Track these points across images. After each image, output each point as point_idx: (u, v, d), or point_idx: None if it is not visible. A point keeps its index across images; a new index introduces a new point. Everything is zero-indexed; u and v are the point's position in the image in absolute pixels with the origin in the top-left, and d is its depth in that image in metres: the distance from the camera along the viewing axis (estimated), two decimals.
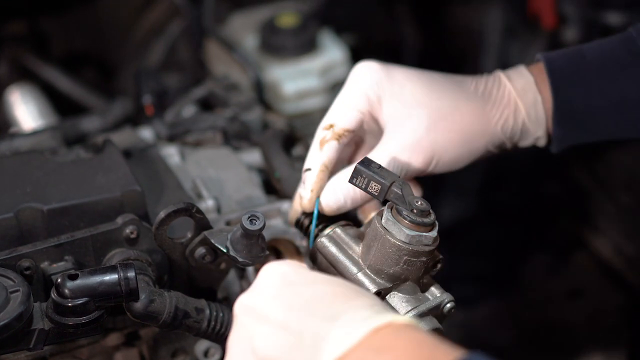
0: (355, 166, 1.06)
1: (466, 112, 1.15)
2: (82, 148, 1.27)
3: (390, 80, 1.16)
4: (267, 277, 0.95)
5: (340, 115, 1.17)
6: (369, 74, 1.18)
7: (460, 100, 1.15)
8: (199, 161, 1.38)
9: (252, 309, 0.93)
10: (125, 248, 1.13)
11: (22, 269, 1.08)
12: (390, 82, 1.16)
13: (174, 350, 1.21)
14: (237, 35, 1.79)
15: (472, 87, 1.17)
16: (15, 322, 0.99)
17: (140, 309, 1.04)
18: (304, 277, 0.94)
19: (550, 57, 1.18)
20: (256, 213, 1.06)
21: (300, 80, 1.71)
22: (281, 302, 0.91)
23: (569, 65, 1.17)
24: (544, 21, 1.93)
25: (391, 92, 1.16)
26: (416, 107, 1.15)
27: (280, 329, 0.89)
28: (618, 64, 1.16)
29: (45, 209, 1.11)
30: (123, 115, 1.61)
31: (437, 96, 1.15)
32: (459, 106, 1.15)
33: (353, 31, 1.94)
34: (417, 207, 1.03)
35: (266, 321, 0.91)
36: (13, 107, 1.82)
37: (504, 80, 1.18)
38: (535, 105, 1.17)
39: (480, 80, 1.18)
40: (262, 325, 0.91)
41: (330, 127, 1.17)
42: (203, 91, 1.57)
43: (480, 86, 1.18)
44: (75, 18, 2.00)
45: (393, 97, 1.16)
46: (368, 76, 1.17)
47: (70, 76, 1.90)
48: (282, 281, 0.94)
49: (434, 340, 0.84)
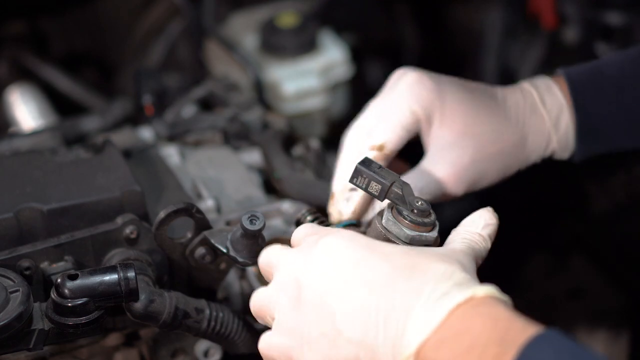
0: (356, 166, 1.06)
1: (508, 143, 1.17)
2: (82, 148, 1.27)
3: (442, 101, 1.15)
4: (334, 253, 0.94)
5: (391, 136, 1.15)
6: (418, 90, 1.15)
7: (503, 129, 1.17)
8: (198, 161, 1.38)
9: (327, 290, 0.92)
10: (125, 248, 1.13)
11: (22, 269, 1.08)
12: (442, 103, 1.15)
13: (174, 350, 1.21)
14: (237, 35, 1.79)
15: (514, 113, 1.18)
16: (15, 322, 0.99)
17: (140, 309, 1.04)
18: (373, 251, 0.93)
19: (571, 73, 1.19)
20: (256, 213, 1.06)
21: (300, 80, 1.71)
22: (361, 279, 0.91)
23: (590, 82, 1.19)
24: (544, 21, 1.93)
25: (442, 116, 1.15)
26: (464, 136, 1.15)
27: (364, 309, 0.89)
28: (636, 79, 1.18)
29: (45, 209, 1.11)
30: (123, 115, 1.61)
31: (484, 124, 1.16)
32: (503, 138, 1.16)
33: (353, 31, 1.93)
34: (417, 207, 1.03)
35: (349, 300, 0.90)
36: (13, 106, 1.82)
37: (540, 108, 1.18)
38: (567, 135, 1.19)
39: (517, 101, 1.19)
40: (344, 308, 0.90)
41: (380, 148, 1.14)
42: (203, 91, 1.57)
43: (519, 109, 1.18)
44: (75, 18, 1.99)
45: (444, 123, 1.15)
46: (417, 92, 1.15)
47: (70, 76, 1.90)
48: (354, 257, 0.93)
49: (511, 315, 0.85)
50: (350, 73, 1.78)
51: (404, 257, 0.92)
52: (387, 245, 0.95)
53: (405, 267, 0.91)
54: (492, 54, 2.02)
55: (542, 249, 2.12)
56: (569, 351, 0.81)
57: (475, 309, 0.86)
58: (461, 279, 0.89)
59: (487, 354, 0.82)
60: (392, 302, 0.88)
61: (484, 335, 0.83)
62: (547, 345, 0.81)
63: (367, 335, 0.89)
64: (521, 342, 0.81)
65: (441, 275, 0.89)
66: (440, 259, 0.92)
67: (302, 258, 0.96)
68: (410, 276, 0.90)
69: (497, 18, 2.00)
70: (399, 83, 1.17)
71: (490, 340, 0.83)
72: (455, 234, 1.01)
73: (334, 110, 1.80)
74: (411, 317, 0.87)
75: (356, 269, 0.92)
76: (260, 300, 0.99)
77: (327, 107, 1.75)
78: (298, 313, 0.94)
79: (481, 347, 0.82)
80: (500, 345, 0.82)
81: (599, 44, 1.84)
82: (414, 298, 0.88)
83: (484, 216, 1.02)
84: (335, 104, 1.79)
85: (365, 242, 0.95)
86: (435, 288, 0.88)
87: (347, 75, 1.77)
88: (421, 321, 0.86)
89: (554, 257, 2.11)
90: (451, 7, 2.11)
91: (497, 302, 0.87)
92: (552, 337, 0.82)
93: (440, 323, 0.85)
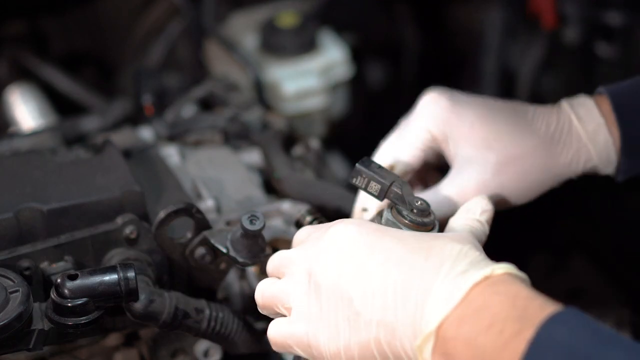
0: (355, 166, 1.06)
1: (536, 158, 1.14)
2: (82, 148, 1.27)
3: (459, 118, 1.15)
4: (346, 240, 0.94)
5: (404, 156, 1.16)
6: (433, 108, 1.16)
7: (529, 144, 1.14)
8: (198, 161, 1.38)
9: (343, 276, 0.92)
10: (125, 248, 1.13)
11: (22, 269, 1.08)
12: (459, 119, 1.15)
13: (174, 350, 1.21)
14: (237, 35, 1.79)
15: (542, 128, 1.15)
16: (15, 323, 0.99)
17: (140, 309, 1.05)
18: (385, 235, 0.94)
19: (614, 92, 1.16)
20: (256, 213, 1.06)
21: (300, 80, 1.71)
22: (376, 261, 0.92)
23: (633, 100, 1.16)
24: (544, 21, 1.93)
25: (459, 131, 1.14)
26: (484, 150, 1.14)
27: (381, 290, 0.90)
28: None
29: (45, 209, 1.11)
30: (123, 115, 1.61)
31: (507, 139, 1.14)
32: (529, 152, 1.14)
33: (353, 31, 1.93)
34: (417, 207, 1.03)
35: (365, 282, 0.91)
36: (12, 106, 1.82)
37: (575, 121, 1.15)
38: (607, 148, 1.15)
39: (549, 119, 1.16)
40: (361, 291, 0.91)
41: (391, 168, 1.15)
42: (203, 91, 1.57)
43: (551, 126, 1.15)
44: (75, 18, 1.99)
45: (461, 138, 1.14)
46: (432, 112, 1.16)
47: (70, 76, 1.90)
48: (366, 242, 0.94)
49: (529, 293, 0.86)
50: (350, 73, 1.78)
51: (418, 239, 0.93)
52: (397, 231, 0.97)
53: (421, 248, 0.92)
54: (492, 54, 2.02)
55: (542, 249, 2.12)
56: (587, 327, 0.81)
57: (494, 286, 0.86)
58: (477, 258, 0.90)
59: (506, 330, 0.82)
60: (409, 281, 0.89)
61: (503, 313, 0.84)
62: (565, 322, 0.81)
63: (387, 315, 0.89)
64: (540, 319, 0.81)
65: (457, 254, 0.90)
66: (454, 239, 0.93)
67: (312, 249, 0.97)
68: (427, 255, 0.90)
69: (497, 18, 2.00)
70: (417, 104, 1.18)
71: (509, 317, 0.83)
72: (454, 221, 1.03)
73: (334, 110, 1.80)
74: (430, 295, 0.87)
75: (370, 251, 0.93)
76: (270, 291, 1.00)
77: (327, 107, 1.75)
78: (314, 300, 0.94)
79: (500, 324, 0.83)
80: (519, 322, 0.82)
81: (599, 44, 1.84)
82: (432, 276, 0.88)
83: (480, 203, 1.04)
84: (335, 104, 1.79)
85: (375, 227, 0.96)
86: (454, 266, 0.89)
87: (347, 75, 1.77)
88: (441, 299, 0.87)
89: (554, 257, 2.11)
90: (451, 7, 2.11)
91: (515, 280, 0.88)
92: (570, 315, 0.82)
93: (460, 300, 0.86)
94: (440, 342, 0.86)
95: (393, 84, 2.05)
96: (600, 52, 1.84)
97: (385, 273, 0.91)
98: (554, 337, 0.80)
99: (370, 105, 2.03)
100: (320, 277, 0.94)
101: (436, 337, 0.86)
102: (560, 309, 0.83)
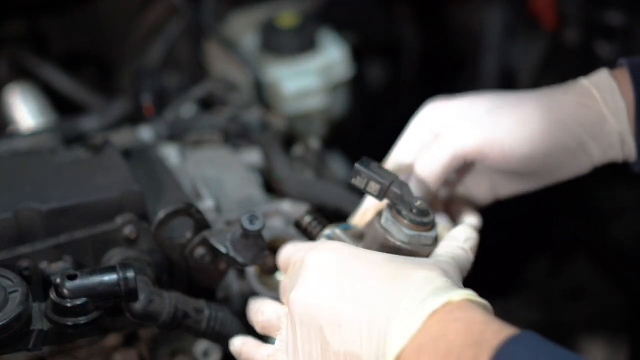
0: (355, 166, 1.06)
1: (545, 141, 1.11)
2: (82, 148, 1.27)
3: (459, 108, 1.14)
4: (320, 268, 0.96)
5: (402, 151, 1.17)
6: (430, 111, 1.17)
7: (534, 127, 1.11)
8: (198, 161, 1.38)
9: (314, 305, 0.94)
10: (124, 248, 1.13)
11: (21, 270, 1.08)
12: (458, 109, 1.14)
13: (174, 350, 1.21)
14: (237, 34, 1.79)
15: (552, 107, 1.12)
16: (14, 323, 0.99)
17: (139, 309, 1.04)
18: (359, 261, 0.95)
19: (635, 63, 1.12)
20: (256, 213, 1.06)
21: (300, 80, 1.71)
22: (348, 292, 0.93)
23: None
24: (544, 21, 1.93)
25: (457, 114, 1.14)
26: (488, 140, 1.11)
27: (349, 322, 0.91)
28: None
29: (44, 209, 1.11)
30: (122, 115, 1.61)
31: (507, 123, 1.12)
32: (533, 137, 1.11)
33: (353, 31, 1.93)
34: (416, 207, 1.03)
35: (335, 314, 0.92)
36: (12, 106, 1.82)
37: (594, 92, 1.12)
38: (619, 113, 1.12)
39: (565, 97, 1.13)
40: (330, 322, 0.93)
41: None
42: (202, 91, 1.57)
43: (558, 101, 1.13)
44: (75, 18, 1.99)
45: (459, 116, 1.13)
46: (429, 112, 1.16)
47: (70, 76, 1.90)
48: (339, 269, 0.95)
49: (486, 318, 0.86)
50: (350, 73, 1.77)
51: (389, 265, 0.94)
52: (372, 254, 0.97)
53: (390, 275, 0.93)
54: (492, 54, 2.02)
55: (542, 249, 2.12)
56: (545, 351, 0.82)
57: (452, 314, 0.87)
58: (441, 285, 0.91)
59: (463, 357, 0.83)
60: (375, 312, 0.90)
61: (460, 340, 0.85)
62: (522, 346, 0.82)
63: (353, 347, 0.91)
64: (496, 344, 0.82)
65: (422, 282, 0.91)
66: (422, 266, 0.94)
67: (291, 282, 0.99)
68: (393, 284, 0.92)
69: (497, 18, 2.00)
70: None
71: (466, 344, 0.84)
72: (439, 249, 1.04)
73: (334, 110, 1.80)
74: (392, 325, 0.89)
75: (342, 282, 0.94)
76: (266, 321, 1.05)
77: (327, 107, 1.75)
78: (293, 332, 0.97)
79: (457, 351, 0.84)
80: (475, 348, 0.83)
81: (599, 44, 1.84)
82: (396, 306, 0.90)
83: (465, 232, 1.05)
84: (335, 104, 1.79)
85: (348, 252, 0.97)
86: (415, 295, 0.90)
87: (347, 75, 1.77)
88: (400, 328, 0.88)
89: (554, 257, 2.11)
90: (451, 7, 2.11)
91: (473, 306, 0.89)
92: (527, 339, 0.83)
93: (418, 330, 0.87)
94: None
95: (393, 84, 2.05)
96: (600, 52, 1.84)
97: (354, 305, 0.92)
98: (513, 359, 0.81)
99: (370, 105, 2.03)
100: (298, 309, 0.96)
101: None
102: (516, 333, 0.83)
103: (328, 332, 0.93)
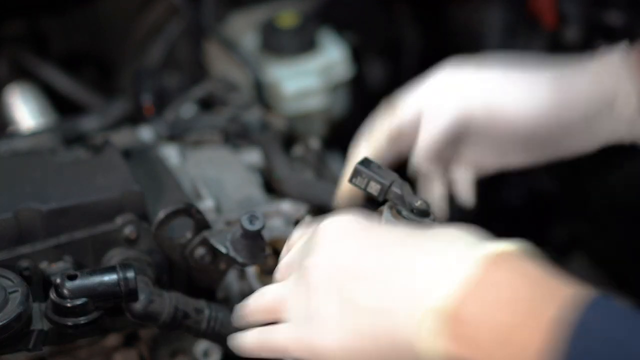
0: (355, 166, 1.06)
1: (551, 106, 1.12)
2: (82, 148, 1.27)
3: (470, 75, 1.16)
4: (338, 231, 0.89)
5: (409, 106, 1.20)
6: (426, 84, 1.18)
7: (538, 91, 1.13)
8: (198, 161, 1.38)
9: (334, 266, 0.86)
10: (124, 248, 1.13)
11: (21, 270, 1.08)
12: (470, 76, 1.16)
13: (174, 350, 1.21)
14: (237, 34, 1.79)
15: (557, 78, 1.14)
16: (14, 323, 0.99)
17: (139, 309, 1.04)
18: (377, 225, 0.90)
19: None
20: (256, 213, 1.06)
21: (300, 80, 1.70)
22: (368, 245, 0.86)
23: None
24: (544, 21, 1.93)
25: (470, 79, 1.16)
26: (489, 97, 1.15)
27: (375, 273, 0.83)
28: None
29: (44, 209, 1.11)
30: (122, 115, 1.61)
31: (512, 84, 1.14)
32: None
33: (353, 31, 1.93)
34: (416, 207, 1.03)
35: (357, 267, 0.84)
36: (12, 106, 1.82)
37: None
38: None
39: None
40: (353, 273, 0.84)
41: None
42: (202, 91, 1.57)
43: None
44: (75, 18, 1.99)
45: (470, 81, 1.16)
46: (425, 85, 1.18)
47: (70, 76, 1.90)
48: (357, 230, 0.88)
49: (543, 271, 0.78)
50: (350, 73, 1.77)
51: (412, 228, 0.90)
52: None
53: (417, 232, 0.86)
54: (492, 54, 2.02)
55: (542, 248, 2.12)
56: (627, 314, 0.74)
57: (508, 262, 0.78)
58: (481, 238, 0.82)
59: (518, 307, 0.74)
60: (406, 262, 0.82)
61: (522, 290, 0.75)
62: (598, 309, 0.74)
63: (383, 299, 0.81)
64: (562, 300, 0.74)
65: (458, 234, 0.83)
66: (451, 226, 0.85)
67: (303, 246, 0.93)
68: (424, 236, 0.84)
69: (497, 18, 2.00)
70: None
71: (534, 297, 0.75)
72: None
73: (334, 110, 1.79)
74: (431, 273, 0.80)
75: (362, 238, 0.87)
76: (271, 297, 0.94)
77: (327, 107, 1.75)
78: (309, 297, 0.87)
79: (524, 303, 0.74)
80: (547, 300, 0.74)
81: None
82: (432, 255, 0.81)
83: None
84: (335, 104, 1.79)
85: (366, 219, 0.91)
86: (456, 244, 0.81)
87: (347, 75, 1.77)
88: (444, 277, 0.79)
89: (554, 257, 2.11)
90: (451, 7, 2.11)
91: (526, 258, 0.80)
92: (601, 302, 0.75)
93: (465, 277, 0.77)
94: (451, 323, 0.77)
95: (393, 84, 2.05)
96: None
97: (378, 255, 0.84)
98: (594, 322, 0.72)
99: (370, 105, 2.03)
100: (313, 271, 0.87)
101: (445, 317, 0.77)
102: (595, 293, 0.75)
103: (351, 287, 0.83)
